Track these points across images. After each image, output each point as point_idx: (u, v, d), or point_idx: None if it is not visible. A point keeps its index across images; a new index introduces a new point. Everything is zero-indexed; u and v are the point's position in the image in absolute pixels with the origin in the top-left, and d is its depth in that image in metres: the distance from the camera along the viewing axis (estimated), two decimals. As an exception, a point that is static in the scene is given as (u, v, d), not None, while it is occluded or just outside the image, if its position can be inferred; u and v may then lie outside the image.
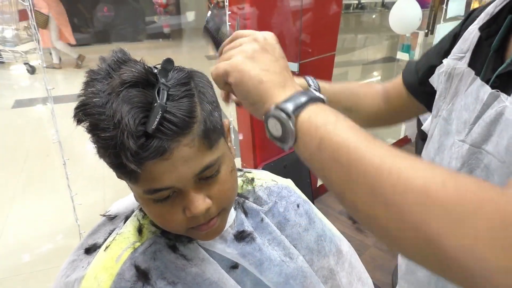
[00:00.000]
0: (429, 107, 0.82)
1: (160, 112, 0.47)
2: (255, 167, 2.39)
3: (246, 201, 0.72)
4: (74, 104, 0.51)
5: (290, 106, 0.45)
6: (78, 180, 2.25)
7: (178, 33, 8.89)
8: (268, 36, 0.53)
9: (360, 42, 8.08)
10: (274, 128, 0.47)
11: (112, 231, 0.69)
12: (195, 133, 0.51)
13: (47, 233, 2.62)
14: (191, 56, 7.46)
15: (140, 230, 0.65)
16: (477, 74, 0.68)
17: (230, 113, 2.20)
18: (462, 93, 0.71)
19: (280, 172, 0.82)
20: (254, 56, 0.50)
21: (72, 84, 5.27)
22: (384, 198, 0.38)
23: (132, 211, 0.70)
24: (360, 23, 10.33)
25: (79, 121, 0.51)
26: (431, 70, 0.83)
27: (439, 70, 0.80)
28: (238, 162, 2.57)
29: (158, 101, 0.48)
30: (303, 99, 0.46)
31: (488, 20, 0.69)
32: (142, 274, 0.60)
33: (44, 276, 2.25)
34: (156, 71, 0.51)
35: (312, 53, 2.29)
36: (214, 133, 0.54)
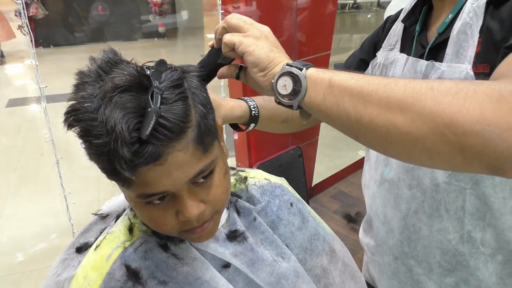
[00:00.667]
0: None
1: (154, 117, 0.46)
2: (250, 167, 2.38)
3: (239, 200, 0.72)
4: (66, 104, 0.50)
5: (299, 64, 0.54)
6: (73, 179, 2.24)
7: (173, 32, 8.87)
8: (268, 28, 0.61)
9: (355, 42, 8.09)
10: (284, 87, 0.54)
11: (104, 230, 0.68)
12: (189, 137, 0.50)
13: (40, 232, 2.60)
14: (186, 55, 7.45)
15: (130, 229, 0.64)
16: (409, 56, 0.82)
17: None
18: (399, 75, 0.83)
19: (275, 172, 0.82)
20: (265, 36, 0.58)
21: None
22: (398, 104, 0.45)
23: (124, 210, 0.69)
24: (355, 22, 10.35)
25: (69, 126, 0.49)
26: (362, 63, 0.98)
27: (373, 63, 0.94)
28: (233, 161, 2.56)
29: (152, 106, 0.46)
30: (306, 63, 0.55)
31: (408, 13, 0.85)
32: (133, 274, 0.60)
33: (37, 275, 2.23)
34: (149, 72, 0.50)
35: (308, 53, 2.29)
36: (208, 137, 0.53)
